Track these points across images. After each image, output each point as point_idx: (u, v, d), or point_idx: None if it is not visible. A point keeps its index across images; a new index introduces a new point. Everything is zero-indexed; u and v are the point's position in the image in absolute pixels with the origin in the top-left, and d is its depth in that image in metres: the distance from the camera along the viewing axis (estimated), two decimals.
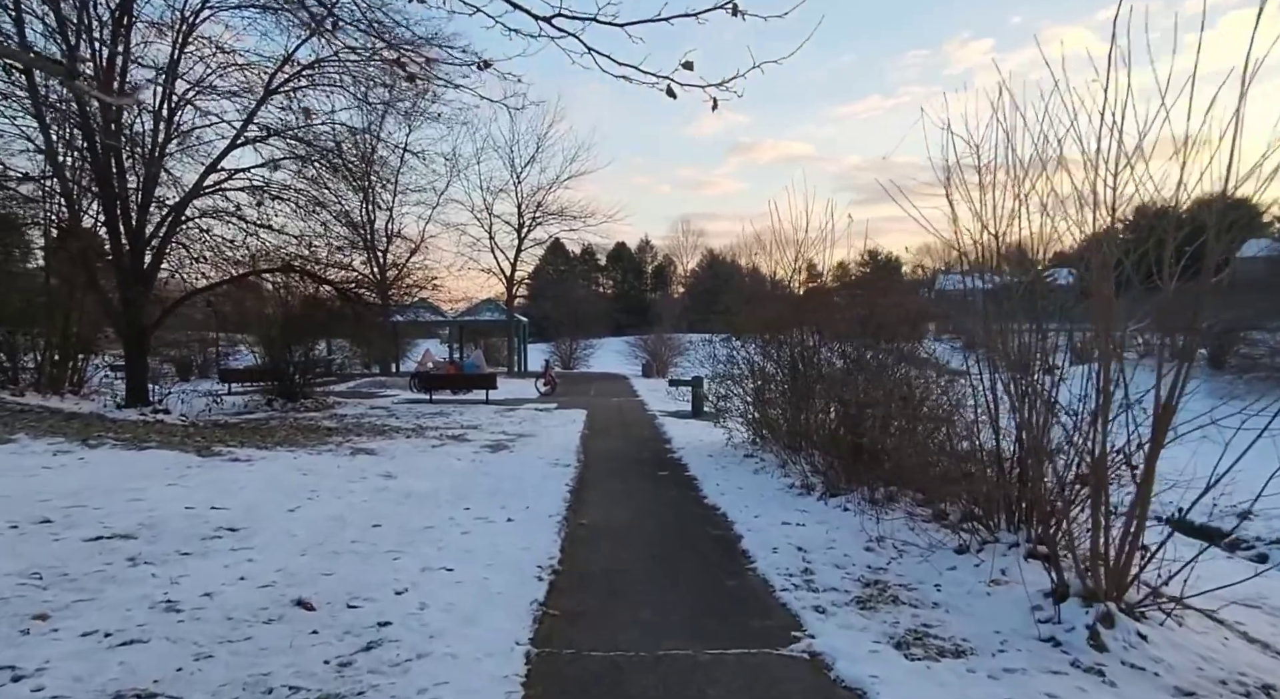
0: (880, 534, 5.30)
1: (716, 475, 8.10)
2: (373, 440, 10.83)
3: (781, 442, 9.22)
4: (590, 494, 7.21)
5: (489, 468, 8.56)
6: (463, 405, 16.87)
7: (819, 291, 8.66)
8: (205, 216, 12.11)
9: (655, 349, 33.80)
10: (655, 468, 8.91)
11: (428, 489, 7.05)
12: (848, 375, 7.23)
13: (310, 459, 8.45)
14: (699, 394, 15.30)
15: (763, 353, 9.59)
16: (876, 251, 9.57)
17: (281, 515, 5.55)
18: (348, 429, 12.34)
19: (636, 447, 10.85)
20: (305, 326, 14.95)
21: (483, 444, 10.70)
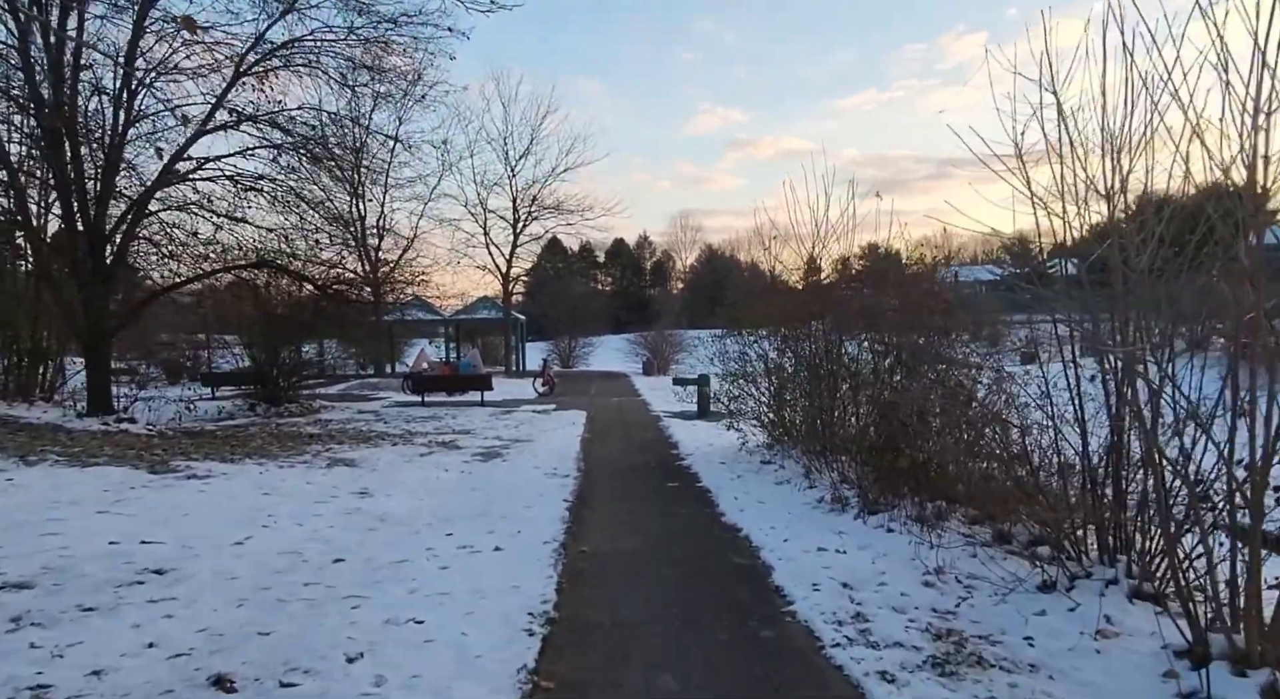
0: (939, 564, 4.43)
1: (733, 487, 7.23)
2: (355, 449, 9.96)
3: (802, 446, 8.37)
4: (592, 512, 6.34)
5: (479, 481, 7.68)
6: (456, 408, 16.01)
7: (842, 280, 7.78)
8: (172, 209, 11.22)
9: (656, 346, 32.94)
10: (664, 478, 8.04)
11: (406, 510, 6.18)
12: (884, 373, 6.35)
13: (279, 474, 7.57)
14: (705, 394, 14.44)
15: (779, 349, 8.72)
16: (876, 245, 8.61)
17: (225, 550, 4.68)
18: (330, 436, 11.47)
19: (642, 452, 9.99)
20: (287, 327, 14.07)
21: (474, 452, 9.83)
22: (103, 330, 10.64)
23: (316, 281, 12.29)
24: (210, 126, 11.26)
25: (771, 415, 9.20)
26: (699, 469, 8.44)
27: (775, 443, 9.21)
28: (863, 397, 6.88)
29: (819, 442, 7.69)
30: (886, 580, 4.32)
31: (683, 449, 10.09)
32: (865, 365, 7.21)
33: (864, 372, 6.99)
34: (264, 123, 11.47)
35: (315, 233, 11.54)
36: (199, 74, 10.91)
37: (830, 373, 7.56)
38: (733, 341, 9.76)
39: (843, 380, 7.23)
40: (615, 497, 7.03)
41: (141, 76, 10.54)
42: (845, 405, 7.25)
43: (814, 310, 7.44)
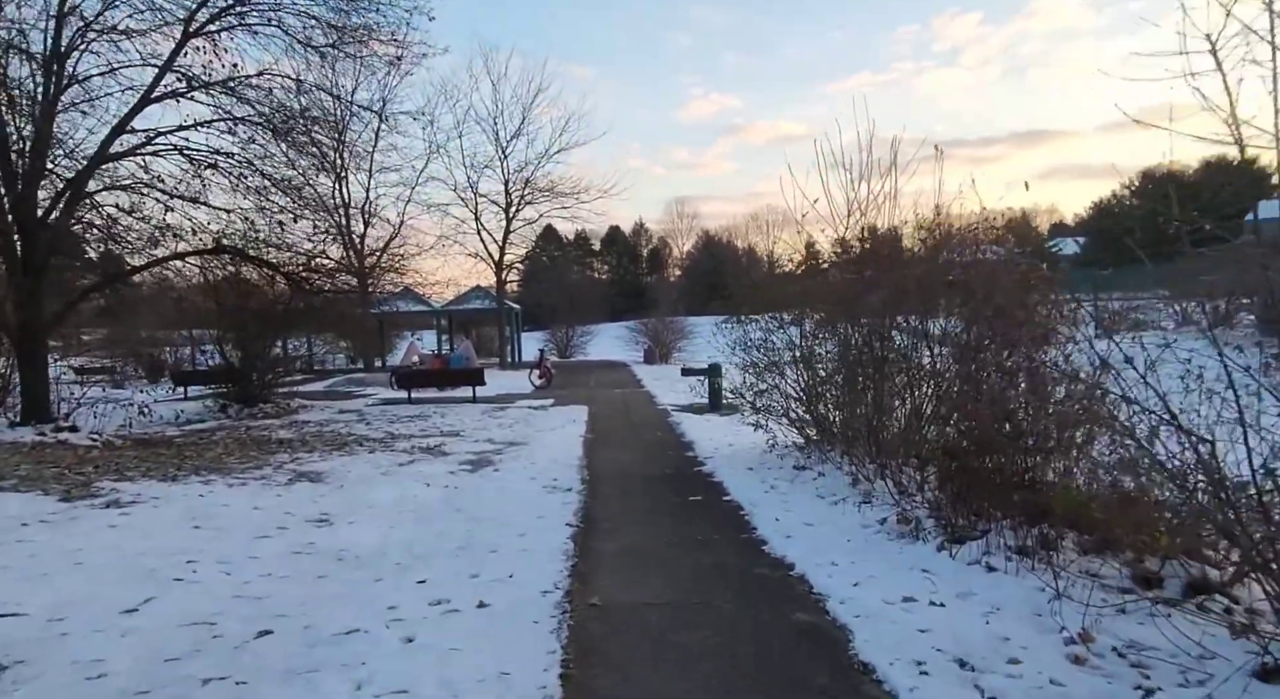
0: (1082, 625, 3.24)
1: (770, 503, 6.03)
2: (326, 458, 8.74)
3: (842, 448, 7.19)
4: (601, 542, 5.13)
5: (465, 498, 6.47)
6: (446, 405, 14.79)
7: (892, 257, 6.54)
8: (116, 190, 9.92)
9: (657, 334, 31.68)
10: (683, 489, 6.84)
11: (372, 543, 4.97)
12: (970, 368, 5.14)
13: (224, 496, 6.35)
14: (717, 385, 13.24)
15: (814, 334, 7.51)
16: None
17: (108, 623, 3.46)
18: (302, 442, 10.26)
19: (653, 456, 8.78)
20: (254, 320, 12.81)
21: (462, 460, 8.61)
22: (36, 328, 9.38)
23: (283, 269, 11.00)
24: (157, 94, 9.94)
25: (804, 411, 7.99)
26: (723, 477, 7.24)
27: (808, 443, 8.03)
28: (931, 389, 5.67)
29: (869, 444, 6.49)
30: (1017, 654, 3.12)
31: (700, 450, 8.89)
32: (921, 352, 6.01)
33: (932, 359, 5.77)
34: (219, 91, 10.15)
35: (279, 213, 10.23)
36: (142, 33, 9.58)
37: (880, 360, 6.34)
38: (755, 327, 8.53)
39: (901, 371, 6.02)
40: (628, 518, 5.82)
41: (75, 36, 9.21)
42: (907, 401, 6.04)
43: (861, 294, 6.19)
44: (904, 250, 6.47)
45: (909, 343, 6.18)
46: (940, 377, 5.71)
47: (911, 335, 6.09)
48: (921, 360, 5.95)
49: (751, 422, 8.07)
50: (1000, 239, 5.95)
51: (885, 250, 6.40)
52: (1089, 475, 4.30)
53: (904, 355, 6.13)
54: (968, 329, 5.35)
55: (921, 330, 6.09)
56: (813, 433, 8.01)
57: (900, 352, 6.10)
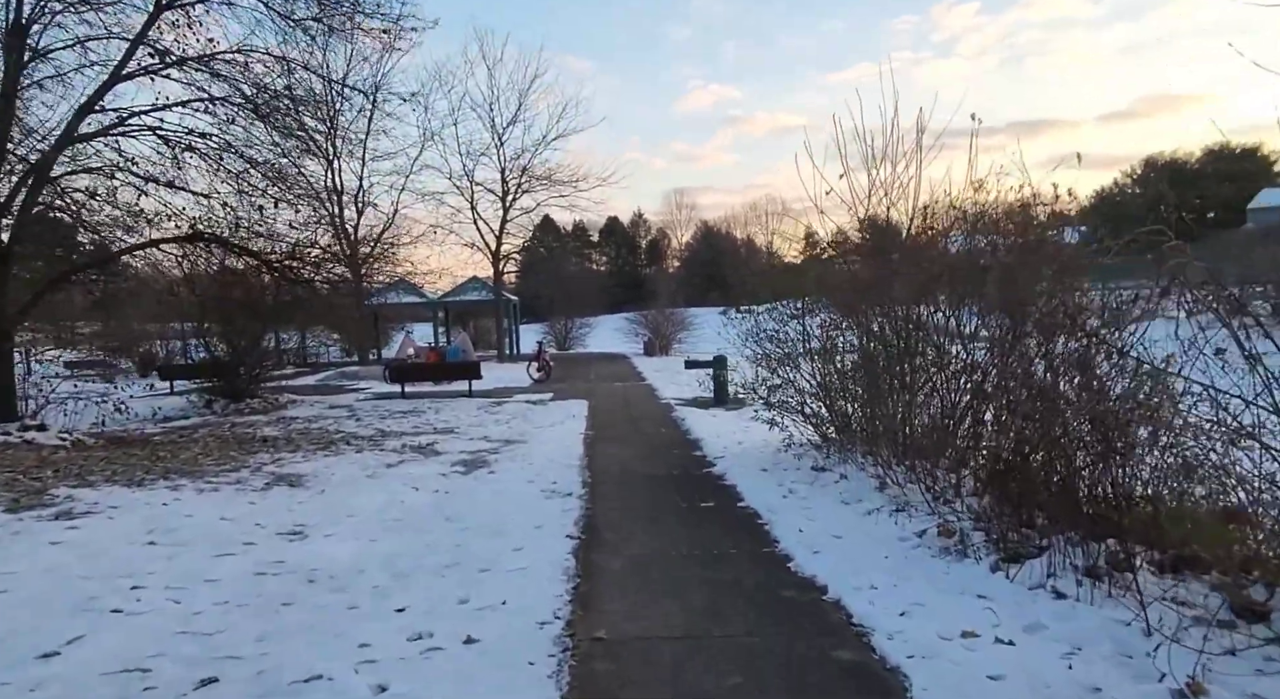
0: (1192, 675, 2.69)
1: (789, 510, 5.48)
2: (310, 458, 8.19)
3: (864, 447, 6.65)
4: (606, 557, 4.59)
5: (457, 504, 5.92)
6: (441, 400, 14.23)
7: (923, 239, 5.96)
8: (86, 173, 9.30)
9: (657, 325, 31.12)
10: (693, 493, 6.29)
11: (349, 560, 4.42)
12: (1014, 361, 4.57)
13: (190, 504, 5.80)
14: (722, 378, 12.69)
15: (832, 325, 6.95)
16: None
17: (13, 673, 2.90)
18: (287, 440, 9.71)
19: (659, 455, 8.23)
20: (238, 312, 12.23)
21: (455, 460, 8.06)
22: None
23: (264, 257, 10.39)
24: (129, 71, 9.32)
25: (822, 407, 7.44)
26: (735, 479, 6.69)
27: (825, 442, 7.49)
28: (969, 383, 5.11)
29: (896, 443, 5.94)
30: None
31: (708, 449, 8.34)
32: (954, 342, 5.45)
33: (967, 350, 5.21)
34: (195, 67, 9.53)
35: (260, 198, 9.60)
36: (112, 2, 8.95)
37: (909, 352, 5.78)
38: (767, 318, 7.97)
39: (933, 364, 5.45)
40: (634, 528, 5.27)
41: (37, 6, 8.58)
42: (938, 396, 5.48)
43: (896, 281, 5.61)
44: (935, 232, 5.90)
45: (941, 332, 5.62)
46: (978, 370, 5.15)
47: (945, 323, 5.53)
48: (954, 351, 5.39)
49: (765, 419, 7.51)
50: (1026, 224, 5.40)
51: (917, 232, 5.82)
52: (1156, 482, 3.77)
53: (937, 346, 5.56)
54: (1011, 316, 4.79)
55: (955, 318, 5.54)
56: (830, 431, 7.48)
57: (934, 342, 5.53)
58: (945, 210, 5.73)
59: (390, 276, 24.63)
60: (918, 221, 5.98)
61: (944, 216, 5.78)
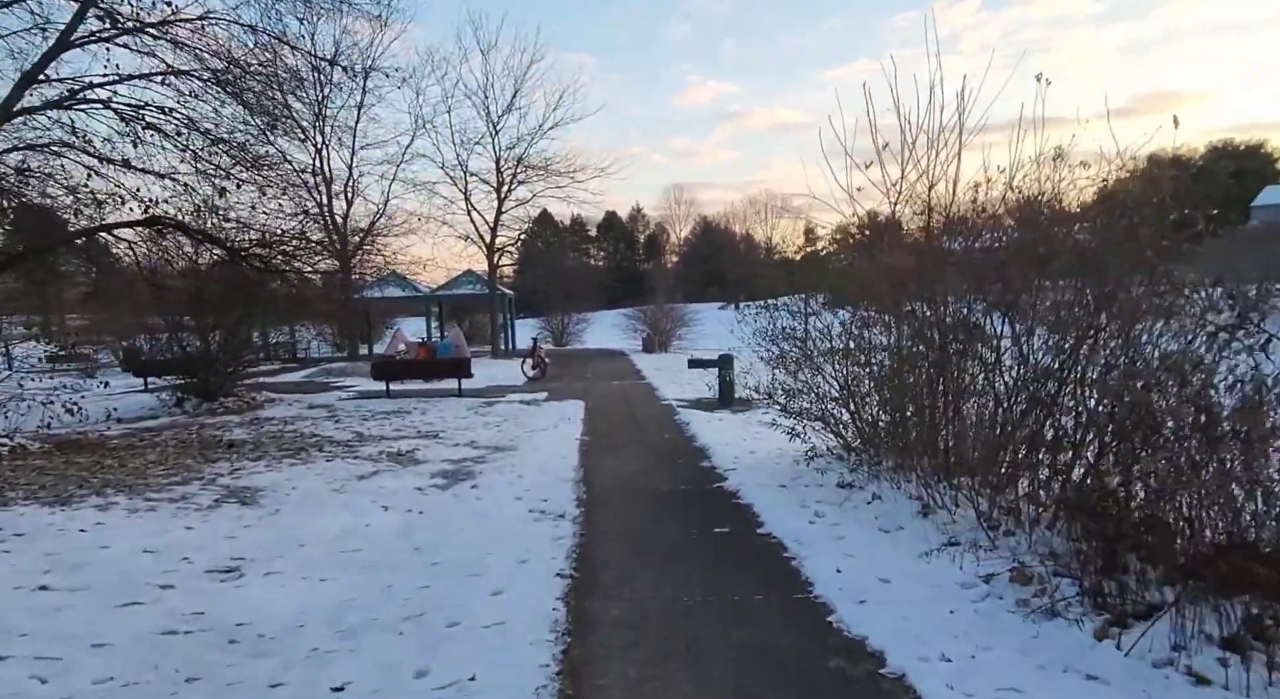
0: None
1: (820, 539, 4.65)
2: (274, 467, 7.35)
3: (894, 460, 5.84)
4: (602, 606, 3.75)
5: (429, 531, 5.08)
6: (428, 400, 13.38)
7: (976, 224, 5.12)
8: (31, 150, 8.41)
9: (655, 321, 30.23)
10: (703, 516, 5.45)
11: (285, 612, 3.58)
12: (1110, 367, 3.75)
13: (117, 528, 4.95)
14: (728, 378, 11.87)
15: (863, 323, 6.11)
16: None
17: None
18: (255, 445, 8.86)
19: (662, 466, 7.40)
20: (202, 303, 11.36)
21: (436, 471, 7.22)
22: None
23: (228, 244, 9.51)
24: (78, 38, 8.43)
25: (845, 413, 6.63)
26: (752, 497, 5.86)
27: (849, 452, 6.68)
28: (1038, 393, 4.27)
29: (940, 458, 5.12)
30: None
31: (717, 460, 7.51)
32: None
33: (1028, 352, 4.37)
34: (155, 34, 8.64)
35: (225, 179, 8.71)
36: None
37: (959, 354, 4.95)
38: (786, 314, 7.13)
39: (991, 368, 4.62)
40: (636, 563, 4.44)
41: None
42: (991, 404, 4.65)
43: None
44: (988, 216, 5.06)
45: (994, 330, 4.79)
46: (1048, 376, 4.31)
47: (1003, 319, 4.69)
48: (1014, 350, 4.55)
49: (785, 428, 6.67)
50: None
51: (970, 215, 4.98)
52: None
53: (993, 345, 4.73)
54: (1098, 310, 3.96)
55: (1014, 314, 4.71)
56: (855, 440, 6.66)
57: (989, 340, 4.69)
58: (1002, 190, 4.89)
59: (381, 270, 23.75)
60: (965, 204, 5.14)
61: (999, 198, 4.94)
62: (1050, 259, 4.29)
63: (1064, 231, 4.39)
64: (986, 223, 4.85)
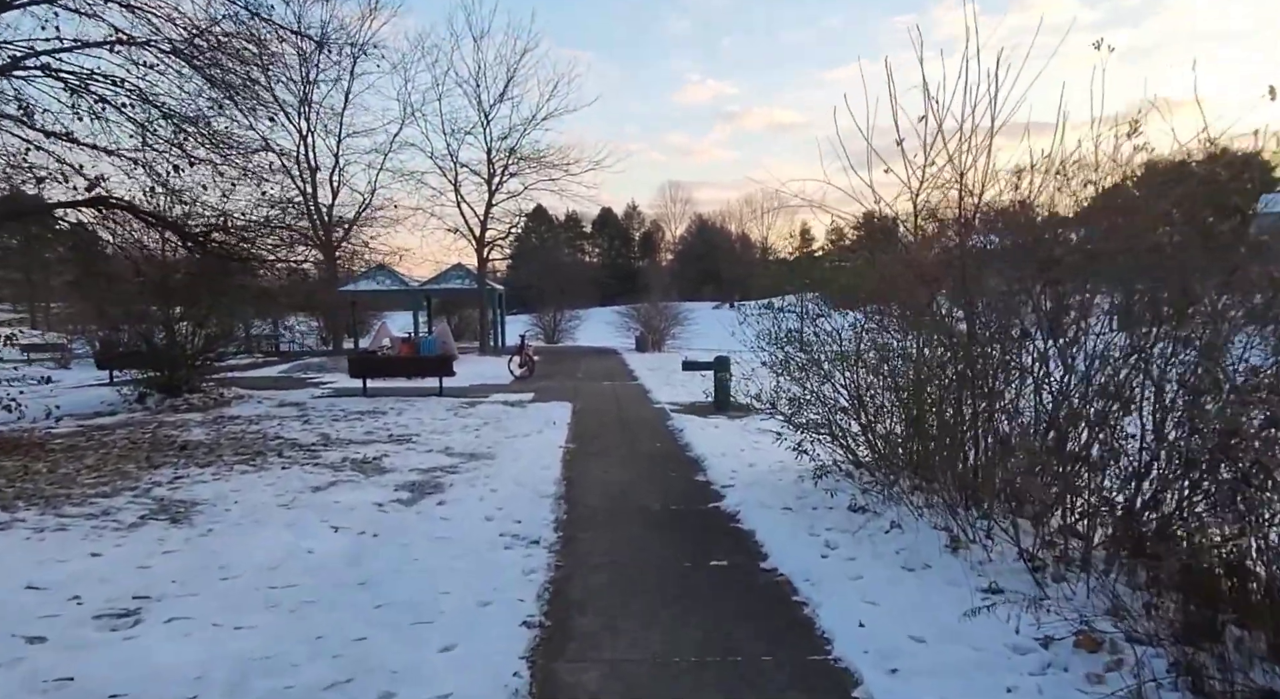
0: None
1: (835, 579, 3.97)
2: (222, 475, 6.63)
3: (911, 479, 5.19)
4: (576, 670, 3.06)
5: (380, 560, 4.37)
6: (407, 399, 12.65)
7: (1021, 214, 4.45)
8: None
9: (649, 320, 29.53)
10: (699, 544, 4.77)
11: (176, 674, 2.87)
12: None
13: (8, 553, 4.22)
14: (724, 381, 11.19)
15: (878, 327, 5.44)
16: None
17: None
18: (210, 448, 8.14)
19: (653, 480, 6.71)
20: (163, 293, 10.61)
21: (402, 481, 6.52)
22: None
23: (184, 229, 8.74)
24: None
25: (853, 424, 5.96)
26: (753, 521, 5.18)
27: (859, 468, 6.01)
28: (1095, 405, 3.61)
29: (967, 479, 4.45)
30: None
31: (713, 474, 6.83)
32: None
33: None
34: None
35: (180, 158, 7.94)
36: None
37: (1001, 363, 4.28)
38: (792, 316, 6.45)
39: (1042, 382, 3.94)
40: (619, 605, 3.75)
41: None
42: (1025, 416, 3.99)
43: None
44: (1031, 208, 4.38)
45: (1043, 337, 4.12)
46: (1108, 395, 3.64)
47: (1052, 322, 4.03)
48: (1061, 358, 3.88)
49: (791, 445, 5.99)
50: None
51: (1011, 207, 4.30)
52: None
53: (1041, 356, 4.06)
54: (1179, 315, 3.30)
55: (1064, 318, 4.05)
56: (867, 456, 6.00)
57: (1036, 348, 4.02)
58: (1048, 177, 4.22)
59: (361, 254, 22.99)
60: (1003, 193, 4.46)
61: (1044, 186, 4.27)
62: (1114, 256, 3.62)
63: (1128, 223, 3.71)
64: (1033, 215, 4.17)
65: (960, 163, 4.71)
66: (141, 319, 12.33)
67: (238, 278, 10.27)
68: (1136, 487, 3.61)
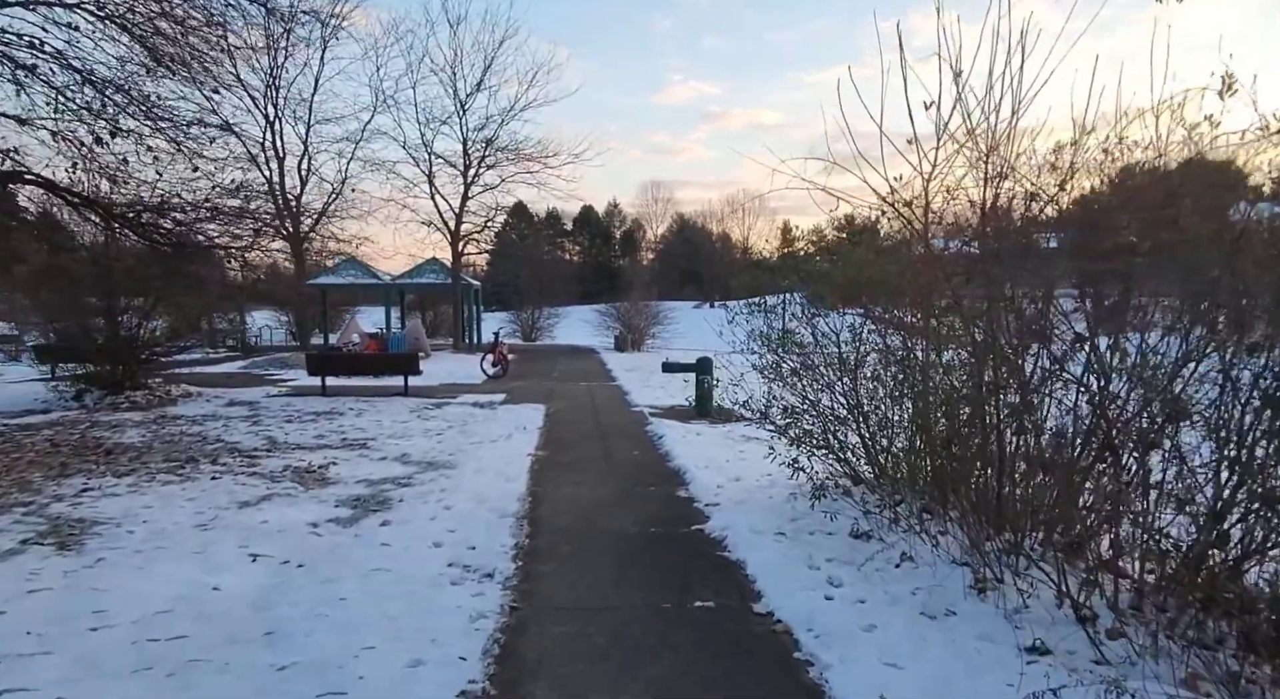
0: None
1: (843, 627, 3.31)
2: (138, 488, 5.84)
3: (923, 501, 4.57)
4: None
5: (297, 604, 3.63)
6: (369, 399, 11.84)
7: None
8: None
9: (629, 319, 28.81)
10: (682, 580, 4.08)
11: None
12: None
13: None
14: (707, 384, 10.53)
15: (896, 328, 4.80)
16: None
17: None
18: (138, 453, 7.34)
19: (629, 495, 6.02)
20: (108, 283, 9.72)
21: (345, 496, 5.76)
22: None
23: (111, 209, 7.86)
24: None
25: (855, 437, 5.33)
26: (743, 550, 4.50)
27: (856, 485, 5.39)
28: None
29: (989, 506, 3.82)
30: None
31: (696, 488, 6.15)
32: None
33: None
34: None
35: (98, 123, 7.05)
36: None
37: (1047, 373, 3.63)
38: (788, 316, 5.79)
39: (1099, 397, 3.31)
40: (585, 666, 3.06)
41: None
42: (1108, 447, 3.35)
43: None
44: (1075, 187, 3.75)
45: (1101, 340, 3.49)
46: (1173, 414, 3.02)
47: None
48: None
49: (786, 461, 5.32)
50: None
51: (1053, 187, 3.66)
52: None
53: (1097, 366, 3.42)
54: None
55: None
56: (868, 471, 5.37)
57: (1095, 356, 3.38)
58: (1100, 152, 3.59)
59: (333, 251, 22.06)
60: (1046, 172, 3.83)
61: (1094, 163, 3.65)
62: (1187, 245, 3.00)
63: (1213, 205, 3.09)
64: (1083, 199, 3.54)
65: (988, 136, 4.08)
66: (77, 310, 11.41)
67: (191, 267, 9.36)
68: (1211, 521, 3.00)
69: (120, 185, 7.45)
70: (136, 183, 7.72)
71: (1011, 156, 4.06)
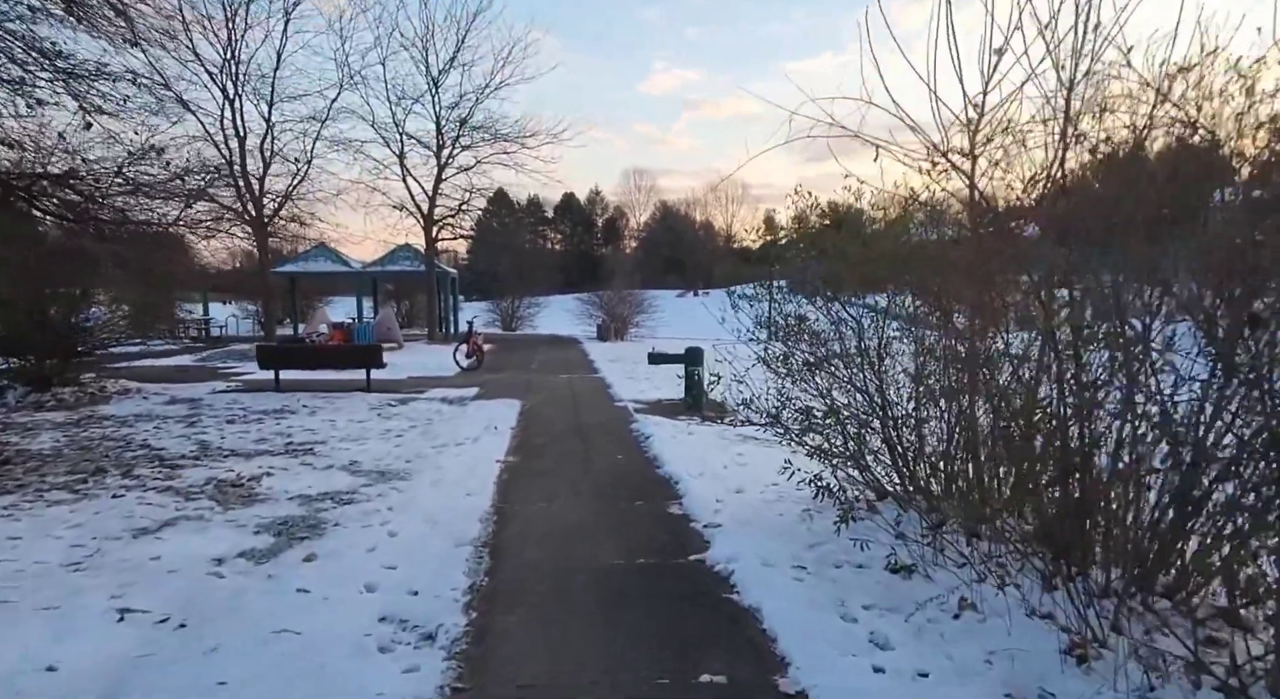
0: None
1: None
2: (17, 508, 4.83)
3: (964, 522, 3.70)
4: None
5: (162, 687, 2.66)
6: (326, 395, 10.78)
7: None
8: None
9: (612, 308, 27.81)
10: (681, 638, 3.16)
11: None
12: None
13: None
14: (698, 377, 9.62)
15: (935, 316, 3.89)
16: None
17: None
18: (41, 462, 6.32)
19: (614, 513, 5.08)
20: (25, 271, 8.58)
21: (269, 519, 4.77)
22: None
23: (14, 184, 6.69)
24: None
25: (879, 441, 4.43)
26: (757, 594, 3.56)
27: (880, 499, 4.51)
28: None
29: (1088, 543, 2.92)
30: None
31: (692, 503, 5.22)
32: None
33: None
34: None
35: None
36: None
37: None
38: (800, 300, 4.86)
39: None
40: None
41: None
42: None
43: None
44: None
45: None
46: None
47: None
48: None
49: (808, 478, 4.41)
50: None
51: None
52: None
53: (1227, 361, 2.53)
54: None
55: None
56: (897, 485, 4.49)
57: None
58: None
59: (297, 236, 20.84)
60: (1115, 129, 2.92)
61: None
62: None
63: None
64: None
65: (1074, 68, 3.16)
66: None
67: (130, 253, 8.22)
68: None
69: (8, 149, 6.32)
70: (35, 148, 6.59)
71: (1098, 94, 3.15)
